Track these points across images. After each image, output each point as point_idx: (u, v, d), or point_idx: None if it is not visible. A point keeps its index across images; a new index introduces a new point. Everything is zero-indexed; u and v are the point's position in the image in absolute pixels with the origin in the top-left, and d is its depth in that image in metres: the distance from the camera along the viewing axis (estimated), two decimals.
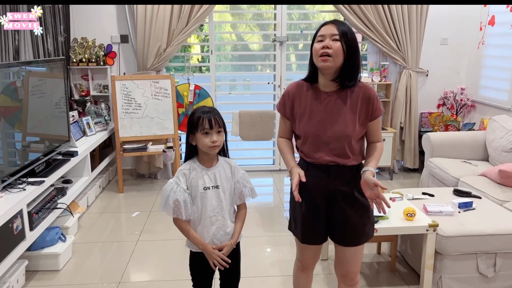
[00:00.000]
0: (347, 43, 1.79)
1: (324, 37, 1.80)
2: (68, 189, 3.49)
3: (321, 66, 1.82)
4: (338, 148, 1.88)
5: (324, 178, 1.92)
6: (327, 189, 1.92)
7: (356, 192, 1.91)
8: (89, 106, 4.57)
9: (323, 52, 1.78)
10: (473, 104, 4.93)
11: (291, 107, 1.97)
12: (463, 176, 3.62)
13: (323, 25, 1.86)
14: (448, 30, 4.93)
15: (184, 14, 4.49)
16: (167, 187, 1.84)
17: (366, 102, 1.87)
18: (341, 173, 1.91)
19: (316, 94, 1.91)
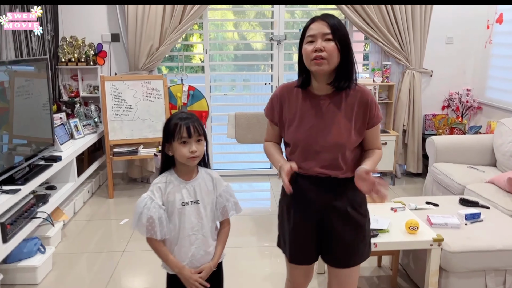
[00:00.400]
0: (340, 40, 1.60)
1: (315, 37, 1.61)
2: (51, 196, 3.30)
3: (315, 70, 1.63)
4: (330, 159, 1.69)
5: (314, 192, 1.73)
6: (318, 204, 1.73)
7: (349, 208, 1.73)
8: (78, 108, 4.38)
9: (316, 55, 1.59)
10: (480, 106, 4.72)
11: (279, 112, 1.78)
12: (469, 183, 3.41)
13: (311, 23, 1.65)
14: (454, 29, 4.72)
15: (177, 12, 4.30)
16: (140, 202, 1.64)
17: (363, 108, 1.69)
18: (333, 186, 1.71)
19: (308, 97, 1.72)
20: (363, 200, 1.79)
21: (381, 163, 4.52)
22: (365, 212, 1.80)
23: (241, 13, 5.12)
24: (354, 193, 1.72)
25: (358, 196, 1.76)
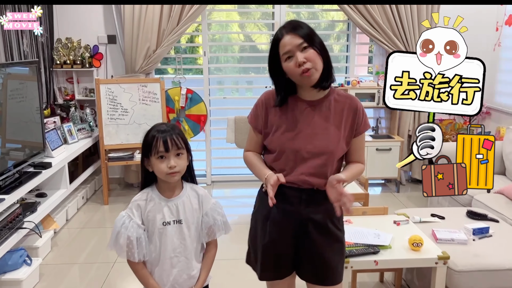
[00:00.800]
0: (316, 44, 1.55)
1: (292, 52, 1.54)
2: (40, 205, 3.18)
3: (308, 82, 1.58)
4: (317, 166, 1.61)
5: (296, 204, 1.64)
6: (298, 216, 1.65)
7: (330, 223, 1.67)
8: (73, 111, 4.26)
9: (303, 69, 1.53)
10: (488, 111, 4.55)
11: (264, 119, 1.68)
12: (477, 193, 3.25)
13: (281, 37, 1.55)
14: None
15: (174, 13, 4.17)
16: (117, 221, 1.51)
17: (352, 114, 1.66)
18: (315, 199, 1.64)
19: (295, 103, 1.66)
20: (341, 215, 1.71)
21: (386, 170, 4.42)
22: (342, 227, 1.75)
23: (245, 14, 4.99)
24: (333, 208, 1.64)
25: None
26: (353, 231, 2.40)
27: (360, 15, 4.30)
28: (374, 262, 2.17)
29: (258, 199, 1.80)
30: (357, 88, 4.44)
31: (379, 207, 2.75)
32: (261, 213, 1.72)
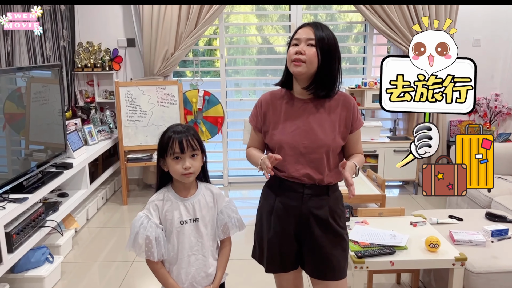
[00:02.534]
0: (322, 49, 1.63)
1: (299, 41, 1.65)
2: (62, 204, 3.26)
3: (293, 71, 1.67)
4: (316, 160, 1.67)
5: (297, 199, 1.69)
6: (299, 211, 1.70)
7: (330, 218, 1.72)
8: (94, 113, 4.36)
9: (296, 58, 1.63)
10: (509, 112, 4.47)
11: (263, 118, 1.76)
12: (497, 195, 3.20)
13: (300, 27, 1.68)
14: (481, 31, 4.49)
15: (192, 16, 4.23)
16: (136, 222, 1.55)
17: (346, 111, 1.73)
18: (316, 193, 1.69)
19: (291, 101, 1.75)
20: (343, 213, 1.80)
21: (404, 171, 4.40)
22: (344, 225, 1.79)
23: (262, 16, 5.01)
24: (335, 205, 1.75)
25: (339, 208, 1.77)
26: (369, 232, 2.39)
27: (377, 15, 4.29)
28: (390, 263, 2.17)
29: (262, 194, 1.87)
30: (374, 89, 4.41)
31: (395, 208, 2.74)
32: (266, 208, 1.79)
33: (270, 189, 1.79)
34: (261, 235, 1.81)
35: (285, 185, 1.72)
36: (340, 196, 1.79)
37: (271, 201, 1.75)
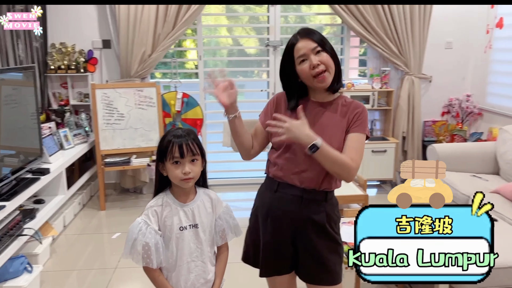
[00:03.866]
0: (329, 48, 1.65)
1: (306, 56, 1.63)
2: (39, 211, 3.15)
3: (322, 86, 1.66)
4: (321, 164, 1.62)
5: (296, 203, 1.68)
6: (297, 216, 1.69)
7: (327, 225, 1.72)
8: (68, 117, 4.23)
9: (317, 71, 1.62)
10: (480, 112, 4.63)
11: (272, 114, 1.72)
12: (474, 193, 3.30)
13: (295, 42, 1.65)
14: (453, 33, 4.63)
15: (170, 18, 4.17)
16: (133, 228, 1.50)
17: (354, 114, 1.71)
18: (316, 199, 1.68)
19: (304, 103, 1.73)
20: (338, 219, 1.80)
21: (381, 171, 4.47)
22: (338, 230, 1.79)
23: (234, 18, 4.99)
24: (332, 211, 1.75)
25: (335, 214, 1.77)
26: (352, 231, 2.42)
27: (354, 18, 4.35)
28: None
29: (258, 196, 1.85)
30: (351, 90, 4.48)
31: None
32: (261, 211, 1.77)
33: (266, 192, 1.78)
34: (256, 238, 1.79)
35: (284, 188, 1.70)
36: (336, 202, 1.79)
37: (268, 205, 1.74)
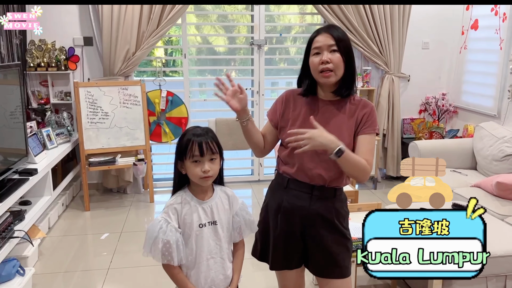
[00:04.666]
0: (344, 51, 1.67)
1: (321, 49, 1.67)
2: (27, 213, 3.07)
3: (323, 82, 1.70)
4: (332, 162, 1.65)
5: (306, 199, 1.73)
6: (306, 211, 1.74)
7: (335, 219, 1.76)
8: (49, 116, 4.12)
9: (323, 68, 1.65)
10: (455, 110, 4.82)
11: (281, 113, 1.79)
12: (456, 187, 3.45)
13: (317, 35, 1.69)
14: (430, 34, 4.80)
15: (154, 15, 4.13)
16: (154, 226, 1.51)
17: (363, 114, 1.74)
18: (325, 195, 1.73)
19: (313, 101, 1.78)
20: (347, 214, 1.85)
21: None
22: (347, 226, 1.84)
23: (202, 16, 4.99)
24: (341, 207, 1.79)
25: (343, 210, 1.81)
26: (353, 226, 2.49)
27: (336, 17, 4.43)
28: None
29: (268, 192, 1.89)
30: None
31: (373, 203, 2.88)
32: (272, 206, 1.81)
33: (277, 188, 1.82)
34: (266, 233, 1.83)
35: (294, 185, 1.75)
36: (345, 198, 1.84)
37: (279, 200, 1.78)
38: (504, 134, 3.66)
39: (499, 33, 4.05)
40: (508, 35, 3.93)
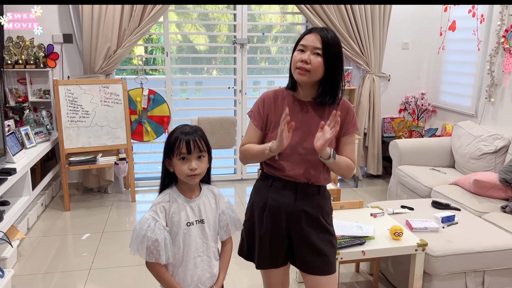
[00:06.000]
0: (328, 59, 1.67)
1: (306, 48, 1.68)
2: (5, 213, 3.00)
3: (296, 78, 1.72)
4: (313, 161, 1.72)
5: (291, 197, 1.76)
6: (292, 208, 1.76)
7: (320, 216, 1.79)
8: (28, 114, 4.04)
9: (300, 66, 1.67)
10: (434, 109, 4.92)
11: (265, 117, 1.79)
12: (435, 185, 3.53)
13: (308, 33, 1.70)
14: (409, 35, 4.89)
15: (136, 13, 4.09)
16: (142, 224, 1.50)
17: (344, 114, 1.77)
18: (309, 193, 1.76)
19: (293, 102, 1.79)
20: (330, 211, 1.88)
21: None
22: (331, 222, 1.87)
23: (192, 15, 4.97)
24: (324, 203, 1.82)
25: (327, 206, 1.85)
26: (337, 224, 2.52)
27: (318, 17, 4.46)
28: (362, 253, 2.31)
29: (253, 191, 1.89)
30: None
31: (355, 201, 2.91)
32: (258, 204, 1.82)
33: (262, 187, 1.83)
34: (252, 232, 1.85)
35: (279, 183, 1.77)
36: (328, 195, 1.87)
37: (264, 199, 1.79)
38: (481, 133, 3.75)
39: (476, 34, 4.15)
40: (486, 36, 4.03)
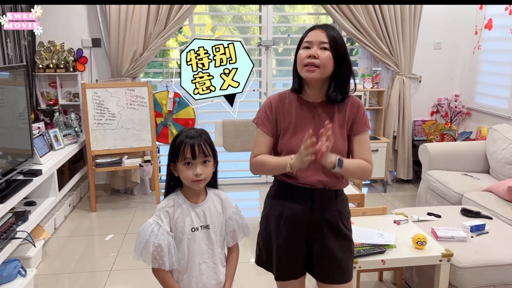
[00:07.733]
0: (337, 52, 1.60)
1: (311, 44, 1.61)
2: (31, 213, 3.07)
3: (305, 77, 1.62)
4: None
5: (308, 205, 1.67)
6: (311, 217, 1.67)
7: (340, 223, 1.72)
8: (58, 117, 4.14)
9: (309, 62, 1.58)
10: (469, 111, 4.71)
11: (274, 122, 1.70)
12: (466, 191, 3.35)
13: (311, 30, 1.63)
14: (442, 34, 4.70)
15: (162, 16, 4.12)
16: (145, 229, 1.47)
17: (354, 112, 1.69)
18: (327, 198, 1.68)
19: (301, 105, 1.70)
20: (349, 215, 1.80)
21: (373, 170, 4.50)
22: (350, 227, 1.79)
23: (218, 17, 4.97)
24: (343, 208, 1.75)
25: (346, 211, 1.77)
26: (357, 231, 2.43)
27: (346, 18, 4.36)
28: (382, 262, 2.21)
29: (267, 200, 1.82)
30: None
31: (378, 207, 2.80)
32: (273, 214, 1.75)
33: (277, 195, 1.75)
34: (269, 242, 1.76)
35: (295, 191, 1.68)
36: (346, 198, 1.79)
37: (280, 208, 1.71)
38: None
39: None
40: None
